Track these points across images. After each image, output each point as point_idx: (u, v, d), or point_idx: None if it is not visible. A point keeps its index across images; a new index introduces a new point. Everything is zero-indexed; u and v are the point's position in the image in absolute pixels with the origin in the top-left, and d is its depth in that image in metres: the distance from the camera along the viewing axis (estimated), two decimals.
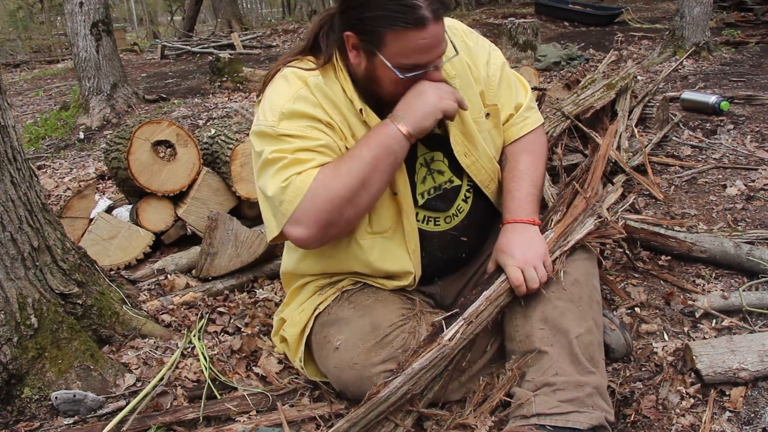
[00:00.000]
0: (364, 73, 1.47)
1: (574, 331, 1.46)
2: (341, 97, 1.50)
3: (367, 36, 1.40)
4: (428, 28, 1.35)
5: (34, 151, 5.31)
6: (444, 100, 1.45)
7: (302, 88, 1.48)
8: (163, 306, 2.16)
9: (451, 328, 1.44)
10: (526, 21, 6.69)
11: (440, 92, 1.46)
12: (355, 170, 1.41)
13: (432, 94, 1.44)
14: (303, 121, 1.46)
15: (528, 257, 1.51)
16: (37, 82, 10.18)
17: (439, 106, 1.44)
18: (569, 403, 1.39)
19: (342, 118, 1.50)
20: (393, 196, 1.55)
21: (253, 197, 2.87)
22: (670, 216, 2.68)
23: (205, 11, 21.16)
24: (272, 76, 1.57)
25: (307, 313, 1.66)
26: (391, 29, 1.36)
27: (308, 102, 1.47)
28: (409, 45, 1.37)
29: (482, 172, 1.66)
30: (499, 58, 1.71)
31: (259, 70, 7.23)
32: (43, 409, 1.62)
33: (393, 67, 1.40)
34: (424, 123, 1.45)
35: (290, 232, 1.44)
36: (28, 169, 1.76)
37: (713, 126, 3.74)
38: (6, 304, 1.61)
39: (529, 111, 1.74)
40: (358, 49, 1.44)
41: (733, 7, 9.00)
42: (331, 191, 1.40)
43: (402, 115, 1.45)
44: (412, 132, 1.44)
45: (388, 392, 1.37)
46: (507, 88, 1.71)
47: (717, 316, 1.91)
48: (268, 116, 1.48)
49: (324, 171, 1.42)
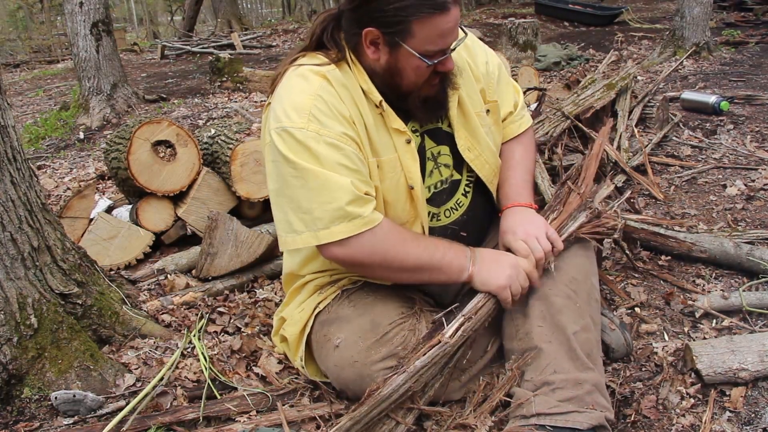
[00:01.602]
0: (384, 66, 1.47)
1: (571, 328, 1.47)
2: (358, 91, 1.50)
3: (391, 28, 1.40)
4: (451, 12, 1.38)
5: (34, 151, 5.31)
6: (509, 288, 1.49)
7: (323, 82, 1.47)
8: (163, 306, 2.16)
9: (452, 325, 1.44)
10: (526, 21, 6.70)
11: (515, 278, 1.49)
12: (417, 256, 1.48)
13: (506, 274, 1.49)
14: (332, 123, 1.44)
15: (529, 230, 1.57)
16: (37, 82, 10.18)
17: (501, 286, 1.49)
18: (569, 402, 1.40)
19: (358, 113, 1.49)
20: (410, 189, 1.56)
21: (253, 197, 2.87)
22: (670, 216, 2.68)
23: (205, 11, 21.17)
24: (282, 76, 1.55)
25: (307, 312, 1.67)
26: (417, 17, 1.37)
27: (333, 97, 1.46)
28: (436, 30, 1.39)
29: (486, 167, 1.70)
30: (496, 58, 1.79)
31: (259, 70, 7.23)
32: (43, 409, 1.62)
33: (420, 55, 1.42)
34: (486, 285, 1.50)
35: (334, 251, 1.46)
36: (28, 169, 1.76)
37: (713, 126, 3.74)
38: (6, 304, 1.61)
39: (523, 110, 1.85)
40: (378, 44, 1.44)
41: (733, 7, 9.02)
42: (392, 252, 1.47)
43: (480, 263, 1.51)
44: (473, 279, 1.51)
45: (390, 390, 1.37)
46: (506, 86, 1.79)
47: (717, 316, 1.91)
48: (293, 116, 1.43)
49: (393, 229, 1.48)
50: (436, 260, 1.50)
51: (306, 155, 1.42)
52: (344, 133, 1.45)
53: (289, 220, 1.47)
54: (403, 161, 1.54)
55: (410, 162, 1.54)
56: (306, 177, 1.42)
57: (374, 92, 1.50)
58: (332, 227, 1.42)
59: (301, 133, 1.42)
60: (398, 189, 1.54)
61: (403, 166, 1.54)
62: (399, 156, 1.53)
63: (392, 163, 1.53)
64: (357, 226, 1.42)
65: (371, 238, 1.44)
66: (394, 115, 1.52)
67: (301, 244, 1.47)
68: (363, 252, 1.45)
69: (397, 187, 1.54)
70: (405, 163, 1.54)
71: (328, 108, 1.44)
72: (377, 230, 1.44)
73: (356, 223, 1.42)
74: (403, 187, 1.55)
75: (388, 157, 1.52)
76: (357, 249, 1.45)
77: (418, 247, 1.49)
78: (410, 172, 1.54)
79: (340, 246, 1.44)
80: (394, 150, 1.53)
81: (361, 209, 1.43)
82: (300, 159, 1.42)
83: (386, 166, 1.52)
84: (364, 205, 1.44)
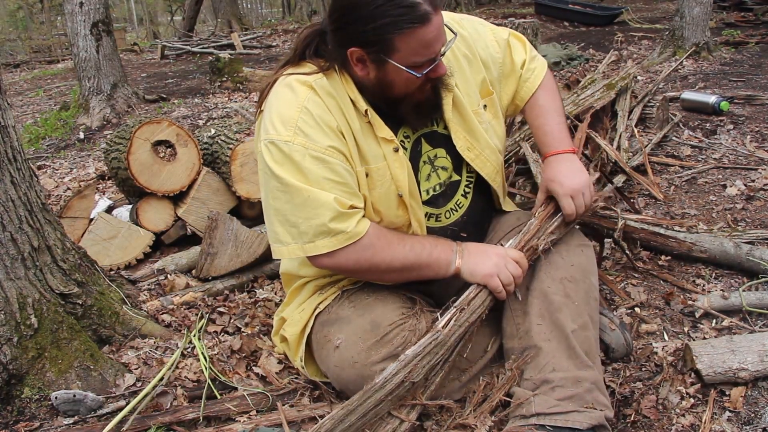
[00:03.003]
0: (374, 81, 1.47)
1: (569, 326, 1.48)
2: (345, 100, 1.50)
3: (374, 47, 1.40)
4: (432, 21, 1.38)
5: (34, 151, 5.31)
6: (497, 276, 1.50)
7: (309, 93, 1.47)
8: (163, 306, 2.16)
9: (445, 316, 1.47)
10: (526, 21, 6.69)
11: (502, 266, 1.50)
12: (403, 257, 1.51)
13: (492, 263, 1.51)
14: (318, 136, 1.44)
15: (575, 185, 1.61)
16: (37, 82, 10.18)
17: (488, 275, 1.50)
18: (568, 400, 1.40)
19: (345, 123, 1.49)
20: (399, 197, 1.56)
21: (253, 197, 2.87)
22: (670, 216, 2.68)
23: (205, 11, 21.16)
24: (270, 87, 1.55)
25: (307, 313, 1.67)
26: (398, 33, 1.37)
27: (320, 108, 1.46)
28: (419, 42, 1.39)
29: (487, 165, 1.69)
30: (493, 35, 1.77)
31: (259, 70, 7.23)
32: (43, 409, 1.62)
33: (407, 68, 1.42)
34: (474, 275, 1.52)
35: (321, 261, 1.50)
36: (28, 169, 1.76)
37: (713, 126, 3.74)
38: (6, 304, 1.61)
39: (532, 62, 1.83)
40: (364, 61, 1.44)
41: (733, 7, 9.01)
42: (377, 257, 1.50)
43: (467, 255, 1.54)
44: (461, 271, 1.53)
45: (383, 379, 1.38)
46: (511, 54, 1.79)
47: (717, 316, 1.91)
48: (279, 129, 1.45)
49: (378, 235, 1.50)
50: (424, 258, 1.52)
51: (292, 169, 1.44)
52: (331, 146, 1.45)
53: (276, 231, 1.51)
54: (392, 169, 1.54)
55: (398, 170, 1.54)
56: (291, 192, 1.44)
57: (360, 102, 1.50)
58: (317, 241, 1.45)
59: (287, 147, 1.43)
60: (389, 197, 1.55)
61: (392, 175, 1.54)
62: (388, 164, 1.53)
63: (381, 171, 1.53)
64: (340, 240, 1.45)
65: (356, 249, 1.47)
66: (381, 123, 1.52)
67: (287, 255, 1.50)
68: (348, 262, 1.49)
69: (387, 195, 1.54)
70: (394, 172, 1.54)
71: (314, 121, 1.45)
72: (362, 241, 1.47)
73: (339, 238, 1.45)
74: (393, 194, 1.55)
75: (376, 166, 1.53)
76: (343, 260, 1.49)
77: (404, 248, 1.52)
78: (399, 181, 1.54)
79: (327, 257, 1.48)
80: (383, 158, 1.53)
81: (344, 225, 1.45)
82: (286, 174, 1.44)
83: (375, 174, 1.52)
84: (347, 219, 1.45)
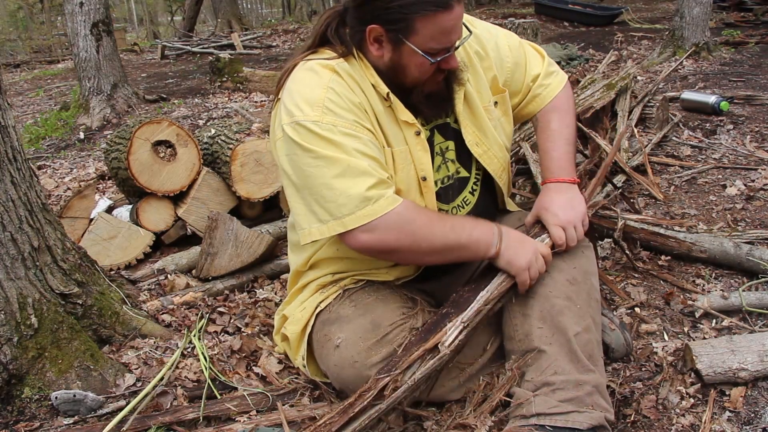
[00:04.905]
0: (388, 64, 1.48)
1: (572, 330, 1.46)
2: (366, 84, 1.51)
3: (394, 25, 1.41)
4: (454, 9, 1.39)
5: (34, 151, 5.31)
6: (529, 270, 1.48)
7: (333, 75, 1.48)
8: (163, 306, 2.16)
9: (451, 333, 1.41)
10: (526, 21, 6.69)
11: (533, 262, 1.49)
12: (443, 236, 1.46)
13: (529, 258, 1.48)
14: (346, 114, 1.44)
15: (570, 217, 1.58)
16: (38, 82, 10.18)
17: (523, 268, 1.48)
18: (569, 402, 1.39)
19: (369, 105, 1.50)
20: (422, 181, 1.56)
21: (253, 197, 2.87)
22: (670, 216, 2.68)
23: (205, 11, 21.16)
24: (288, 73, 1.55)
25: (308, 311, 1.67)
26: (422, 14, 1.38)
27: (344, 88, 1.47)
28: (439, 28, 1.40)
29: (494, 161, 1.70)
30: (505, 39, 1.75)
31: (259, 70, 7.22)
32: (43, 409, 1.62)
33: (423, 52, 1.42)
34: (510, 264, 1.49)
35: (361, 239, 1.43)
36: (28, 169, 1.76)
37: (713, 126, 3.74)
38: (6, 304, 1.61)
39: (548, 77, 1.80)
40: (381, 41, 1.45)
41: (732, 7, 9.01)
42: (419, 234, 1.44)
43: (507, 241, 1.50)
44: (499, 257, 1.49)
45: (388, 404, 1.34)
46: (525, 60, 1.77)
47: (717, 316, 1.91)
48: (306, 110, 1.44)
49: (418, 210, 1.48)
50: (464, 239, 1.48)
51: (324, 144, 1.42)
52: (358, 122, 1.46)
53: (314, 211, 1.45)
54: (414, 153, 1.54)
55: (421, 153, 1.55)
56: (328, 165, 1.42)
57: (381, 85, 1.50)
58: (357, 212, 1.41)
59: (316, 126, 1.42)
60: (410, 180, 1.55)
61: (414, 158, 1.54)
62: (410, 148, 1.54)
63: (403, 154, 1.53)
64: (382, 206, 1.41)
65: (397, 219, 1.42)
66: (402, 107, 1.53)
67: (328, 233, 1.44)
68: (390, 235, 1.43)
69: (408, 179, 1.54)
70: (416, 155, 1.54)
71: (340, 99, 1.45)
72: (402, 210, 1.43)
73: (381, 203, 1.41)
74: (414, 179, 1.55)
75: (399, 149, 1.53)
76: (384, 233, 1.42)
77: (445, 226, 1.47)
78: (421, 164, 1.55)
79: (367, 232, 1.42)
80: (404, 142, 1.54)
81: (384, 191, 1.42)
82: (320, 148, 1.42)
83: (398, 157, 1.53)
84: (386, 188, 1.44)
